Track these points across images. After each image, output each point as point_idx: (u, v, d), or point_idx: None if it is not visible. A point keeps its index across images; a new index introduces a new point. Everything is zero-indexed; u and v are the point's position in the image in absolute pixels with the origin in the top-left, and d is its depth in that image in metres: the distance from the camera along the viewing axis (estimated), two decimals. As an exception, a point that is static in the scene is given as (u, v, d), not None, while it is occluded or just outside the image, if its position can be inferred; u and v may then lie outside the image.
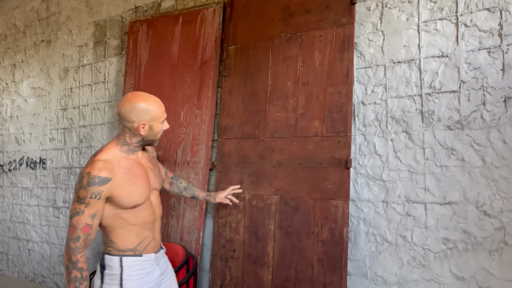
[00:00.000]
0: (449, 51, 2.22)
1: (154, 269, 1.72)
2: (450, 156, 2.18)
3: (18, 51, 4.72)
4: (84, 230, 1.52)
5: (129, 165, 1.65)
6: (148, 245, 1.71)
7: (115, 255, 1.64)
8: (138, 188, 1.64)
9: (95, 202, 1.52)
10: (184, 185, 2.23)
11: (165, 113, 1.71)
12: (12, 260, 4.72)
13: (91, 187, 1.50)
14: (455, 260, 2.16)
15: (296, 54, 2.59)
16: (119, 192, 1.57)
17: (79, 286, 1.53)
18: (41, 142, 4.38)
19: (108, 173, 1.54)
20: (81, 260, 1.54)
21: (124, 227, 1.63)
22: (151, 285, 1.68)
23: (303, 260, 2.41)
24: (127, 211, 1.62)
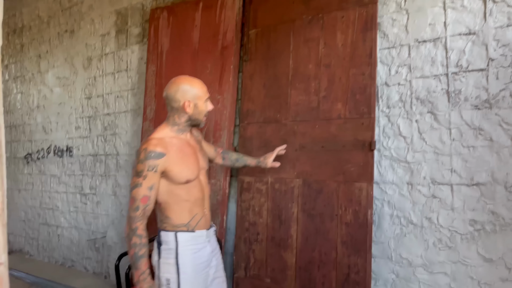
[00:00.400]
0: (477, 28, 2.15)
1: (205, 246, 1.82)
2: (478, 136, 2.13)
3: (43, 41, 4.82)
4: (143, 200, 1.64)
5: (180, 144, 1.78)
6: (199, 222, 1.81)
7: (170, 231, 1.75)
8: (189, 165, 1.76)
9: (152, 175, 1.64)
10: (236, 157, 2.34)
11: (207, 93, 1.83)
12: (42, 245, 4.89)
13: (148, 161, 1.63)
14: (482, 241, 2.12)
15: (318, 36, 2.57)
16: (172, 167, 1.69)
17: (138, 252, 1.62)
18: (67, 131, 4.48)
19: (162, 149, 1.67)
20: (140, 227, 1.64)
21: (178, 202, 1.75)
22: (203, 259, 1.79)
23: (326, 242, 2.41)
24: (180, 187, 1.74)
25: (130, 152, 3.80)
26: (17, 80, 5.23)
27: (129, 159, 3.81)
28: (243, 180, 2.82)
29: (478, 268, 2.13)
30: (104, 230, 4.07)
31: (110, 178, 3.99)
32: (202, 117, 1.84)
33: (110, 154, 4.00)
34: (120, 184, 3.89)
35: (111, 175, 3.99)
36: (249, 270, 2.72)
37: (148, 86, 3.46)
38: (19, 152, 5.19)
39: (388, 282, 2.41)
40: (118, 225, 3.90)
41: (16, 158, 5.25)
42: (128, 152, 3.82)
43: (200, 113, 1.82)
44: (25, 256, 5.15)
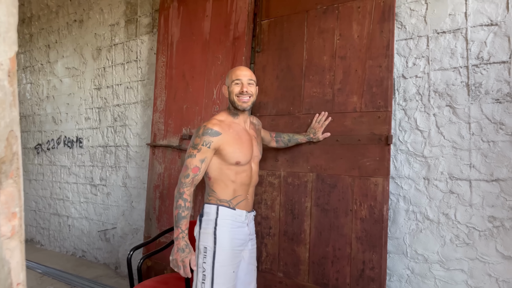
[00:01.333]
0: (499, 19, 2.08)
1: (243, 226, 1.95)
2: (499, 131, 2.07)
3: (52, 31, 4.79)
4: (194, 170, 1.82)
5: (238, 129, 1.95)
6: (241, 203, 1.94)
7: (214, 204, 1.91)
8: (242, 149, 1.90)
9: (205, 150, 1.82)
10: (287, 138, 2.45)
11: (238, 76, 1.94)
12: (54, 235, 4.92)
13: (205, 136, 1.82)
14: (501, 238, 2.08)
15: (333, 26, 2.50)
16: (226, 146, 1.85)
17: (182, 213, 1.80)
18: (77, 122, 4.47)
19: (219, 129, 1.85)
20: (186, 193, 1.81)
21: (225, 181, 1.90)
22: (241, 237, 1.93)
23: (341, 237, 2.38)
24: (230, 168, 1.89)
25: (140, 144, 3.78)
26: (26, 70, 5.21)
27: (139, 150, 3.79)
28: (255, 173, 2.78)
29: (497, 265, 2.09)
30: (114, 221, 4.08)
31: (120, 169, 3.98)
32: (233, 98, 1.93)
33: (120, 145, 3.99)
34: (130, 176, 3.88)
35: (121, 166, 3.98)
36: (261, 264, 2.70)
37: (158, 77, 3.42)
38: (29, 143, 5.20)
39: (403, 278, 2.37)
40: (128, 216, 3.90)
41: (26, 149, 5.26)
42: (138, 144, 3.80)
43: (231, 94, 1.94)
44: (36, 245, 5.19)
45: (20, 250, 0.54)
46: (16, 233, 0.54)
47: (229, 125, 1.92)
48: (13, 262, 0.54)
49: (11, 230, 0.54)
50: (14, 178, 0.55)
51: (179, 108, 3.24)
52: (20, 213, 0.55)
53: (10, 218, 0.54)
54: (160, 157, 3.35)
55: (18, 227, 0.54)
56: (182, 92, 3.24)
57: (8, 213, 0.53)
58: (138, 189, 3.80)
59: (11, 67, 0.56)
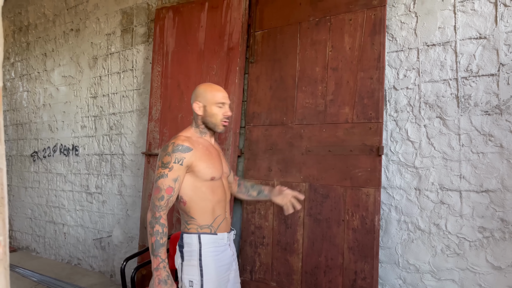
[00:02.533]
0: (487, 33, 2.11)
1: (226, 249, 1.85)
2: (488, 143, 2.10)
3: (49, 40, 4.82)
4: (168, 191, 1.68)
5: (206, 144, 1.85)
6: (221, 224, 1.84)
7: (194, 233, 1.76)
8: (215, 164, 1.81)
9: (177, 168, 1.69)
10: (251, 184, 2.19)
11: (222, 99, 1.83)
12: (49, 243, 4.92)
13: (175, 153, 1.69)
14: (491, 249, 2.10)
15: (325, 38, 2.53)
16: (198, 162, 1.74)
17: (160, 240, 1.65)
18: (73, 130, 4.49)
19: (190, 144, 1.74)
20: (163, 217, 1.68)
21: (202, 200, 1.77)
22: (225, 262, 1.82)
23: (333, 247, 2.40)
24: (205, 184, 1.77)
25: (136, 152, 3.79)
26: (23, 78, 5.23)
27: (135, 159, 3.81)
28: (249, 183, 2.80)
29: (487, 276, 2.11)
30: (109, 229, 4.08)
31: (116, 177, 3.99)
32: (215, 121, 1.83)
33: (115, 153, 4.00)
34: (125, 184, 3.90)
35: (116, 174, 3.99)
36: (254, 273, 2.71)
37: (154, 87, 3.45)
38: (25, 150, 5.21)
39: (395, 287, 2.39)
40: (123, 225, 3.91)
41: (22, 156, 5.27)
42: (134, 152, 3.82)
43: (212, 116, 1.83)
44: (32, 253, 5.18)
45: (5, 277, 0.56)
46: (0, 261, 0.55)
47: (196, 140, 1.81)
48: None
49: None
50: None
51: (174, 117, 3.26)
52: (4, 241, 0.56)
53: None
54: (155, 166, 3.37)
55: (2, 254, 0.56)
56: (177, 101, 3.26)
57: (-7, 240, 0.55)
58: (134, 198, 3.81)
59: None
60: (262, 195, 2.14)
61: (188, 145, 1.73)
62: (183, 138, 1.76)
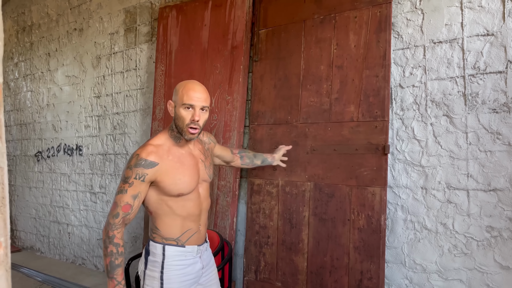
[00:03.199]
0: (495, 29, 2.08)
1: (196, 262, 1.72)
2: (496, 141, 2.07)
3: (52, 40, 4.81)
4: (124, 208, 1.55)
5: (179, 154, 1.68)
6: (191, 237, 1.71)
7: (159, 242, 1.66)
8: (185, 178, 1.65)
9: (138, 184, 1.55)
10: (253, 153, 2.31)
11: (191, 100, 1.61)
12: (53, 243, 4.92)
13: (137, 168, 1.55)
14: (499, 248, 2.07)
15: (330, 36, 2.51)
16: (164, 178, 1.60)
17: (114, 261, 1.55)
18: (77, 129, 4.48)
19: (155, 158, 1.58)
20: (117, 236, 1.56)
21: (168, 215, 1.65)
22: (191, 277, 1.70)
23: (339, 247, 2.37)
24: (172, 199, 1.64)
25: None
26: (26, 78, 5.23)
27: (139, 158, 3.79)
28: (253, 182, 2.78)
29: (495, 276, 2.08)
30: (114, 229, 4.07)
31: (120, 177, 3.99)
32: (182, 125, 1.64)
33: (119, 153, 3.99)
34: (129, 184, 3.88)
35: (120, 174, 3.98)
36: (259, 273, 2.69)
37: (157, 86, 3.43)
38: (29, 150, 5.21)
39: (401, 287, 2.36)
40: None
41: (26, 156, 5.27)
42: (138, 152, 3.80)
43: (179, 120, 1.64)
44: (36, 253, 5.19)
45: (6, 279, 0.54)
46: (1, 263, 0.54)
47: (168, 150, 1.65)
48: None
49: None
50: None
51: (178, 116, 3.24)
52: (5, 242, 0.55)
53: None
54: (159, 166, 3.35)
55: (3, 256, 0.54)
56: (180, 100, 3.24)
57: (-6, 242, 0.54)
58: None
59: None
60: (266, 162, 2.35)
61: (153, 160, 1.57)
62: (151, 149, 1.59)
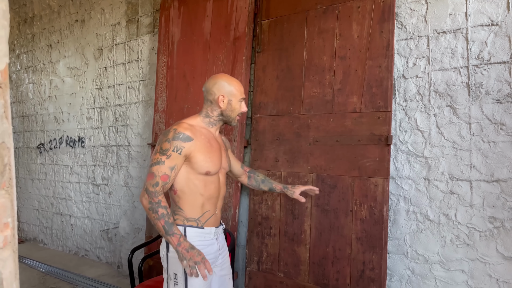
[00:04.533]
0: (500, 19, 2.07)
1: (213, 243, 1.82)
2: (499, 131, 2.07)
3: (54, 31, 4.80)
4: (163, 178, 1.63)
5: (209, 136, 1.80)
6: (209, 219, 1.81)
7: (180, 225, 1.74)
8: (213, 158, 1.76)
9: (176, 156, 1.64)
10: (262, 178, 2.21)
11: (243, 95, 1.83)
12: (56, 234, 4.95)
13: (176, 141, 1.64)
14: (502, 239, 2.07)
15: (333, 26, 2.49)
16: (197, 154, 1.69)
17: (168, 220, 1.62)
18: (79, 121, 4.49)
19: (191, 134, 1.69)
20: (162, 200, 1.63)
21: (193, 194, 1.74)
22: (210, 257, 1.78)
23: (341, 238, 2.38)
24: (199, 178, 1.73)
25: (142, 144, 3.79)
26: (28, 70, 5.23)
27: (141, 150, 3.80)
28: (256, 173, 2.79)
29: (497, 266, 2.08)
30: (116, 220, 4.10)
31: (122, 169, 3.99)
32: (234, 115, 1.84)
33: (121, 145, 4.00)
34: (132, 175, 3.90)
35: (123, 166, 3.99)
36: (261, 264, 2.70)
37: (159, 77, 3.43)
38: (32, 142, 5.22)
39: (403, 278, 2.37)
40: (130, 216, 3.92)
41: (29, 148, 5.28)
42: (140, 144, 3.81)
43: (233, 111, 1.82)
44: (39, 244, 5.22)
45: (13, 260, 0.55)
46: (8, 244, 0.54)
47: (199, 130, 1.76)
48: (5, 272, 0.54)
49: (3, 240, 0.54)
50: (6, 188, 0.55)
51: (180, 108, 3.25)
52: (13, 223, 0.55)
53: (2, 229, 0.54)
54: (161, 157, 3.35)
55: (10, 237, 0.54)
56: (183, 92, 3.24)
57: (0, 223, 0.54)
58: (140, 189, 3.81)
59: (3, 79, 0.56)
60: (274, 191, 2.19)
61: (190, 135, 1.67)
62: (186, 125, 1.71)
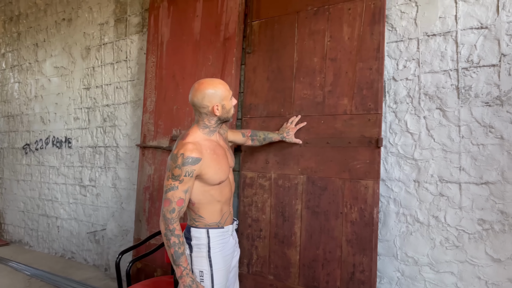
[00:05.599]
0: (489, 22, 2.08)
1: (230, 239, 1.97)
2: (488, 134, 2.08)
3: (40, 30, 4.72)
4: (179, 203, 1.74)
5: (213, 146, 1.86)
6: (227, 219, 1.95)
7: (202, 228, 1.86)
8: (222, 166, 1.86)
9: (188, 180, 1.74)
10: (263, 137, 2.44)
11: (230, 91, 1.88)
12: (42, 236, 4.86)
13: (186, 167, 1.72)
14: (491, 241, 2.08)
15: (324, 28, 2.49)
16: (207, 170, 1.78)
17: (178, 250, 1.74)
18: (66, 122, 4.42)
19: (198, 154, 1.75)
20: (177, 228, 1.74)
21: (211, 202, 1.86)
22: (230, 251, 1.95)
23: (331, 240, 2.37)
24: (214, 188, 1.85)
25: (130, 145, 3.74)
26: (14, 69, 5.14)
27: (129, 151, 3.75)
28: (246, 175, 2.77)
29: (486, 268, 2.09)
30: (104, 222, 4.04)
31: (110, 170, 3.94)
32: (231, 113, 1.91)
33: (109, 146, 3.94)
34: (120, 177, 3.84)
35: (110, 167, 3.93)
36: (251, 266, 2.68)
37: (148, 78, 3.39)
38: (17, 143, 5.13)
39: (393, 280, 2.37)
40: (118, 218, 3.86)
41: (14, 149, 5.18)
42: (128, 145, 3.76)
43: (228, 112, 1.88)
44: (25, 247, 5.12)
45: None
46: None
47: (204, 144, 1.82)
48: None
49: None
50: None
51: (169, 109, 3.21)
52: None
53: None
54: (150, 158, 3.32)
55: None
56: (172, 92, 3.20)
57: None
58: (128, 190, 3.76)
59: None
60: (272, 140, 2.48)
61: (197, 156, 1.74)
62: (192, 147, 1.75)
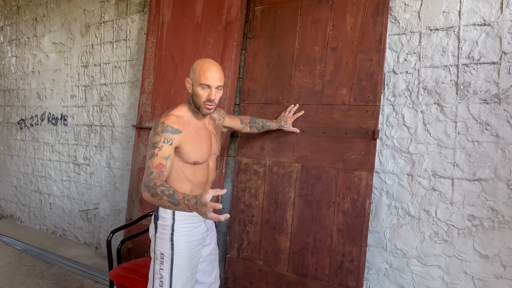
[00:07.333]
0: (492, 19, 2.07)
1: (200, 225, 1.89)
2: (484, 131, 2.09)
3: (40, 4, 4.65)
4: (158, 167, 1.62)
5: (197, 126, 1.83)
6: None
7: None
8: (202, 147, 1.81)
9: (167, 147, 1.67)
10: (261, 125, 2.43)
11: (207, 81, 1.72)
12: (34, 212, 4.86)
13: (164, 134, 1.67)
14: (479, 237, 2.11)
15: (327, 17, 2.47)
16: (185, 145, 1.74)
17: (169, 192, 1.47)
18: (62, 99, 4.39)
19: (179, 126, 1.72)
20: (157, 181, 1.54)
21: (181, 180, 1.79)
22: (197, 238, 1.87)
23: (322, 229, 2.39)
24: (187, 166, 1.79)
25: (126, 125, 3.72)
26: (12, 43, 5.07)
27: (125, 131, 3.74)
28: (241, 161, 2.77)
29: (473, 264, 2.12)
30: (96, 201, 4.04)
31: (105, 149, 3.93)
32: (199, 102, 1.77)
33: (105, 125, 3.92)
34: (114, 157, 3.83)
35: (105, 146, 3.92)
36: (242, 251, 2.70)
37: (147, 58, 3.36)
38: (12, 117, 5.09)
39: (380, 271, 2.40)
40: (111, 197, 3.86)
41: (9, 123, 5.15)
42: (124, 125, 3.74)
43: (196, 97, 1.77)
44: (16, 222, 5.13)
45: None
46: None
47: (188, 121, 1.79)
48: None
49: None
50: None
51: (167, 91, 3.19)
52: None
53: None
54: (145, 140, 3.31)
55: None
56: (170, 74, 3.18)
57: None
58: (122, 171, 3.76)
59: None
60: (270, 128, 2.48)
61: (177, 127, 1.71)
62: (174, 118, 1.73)
